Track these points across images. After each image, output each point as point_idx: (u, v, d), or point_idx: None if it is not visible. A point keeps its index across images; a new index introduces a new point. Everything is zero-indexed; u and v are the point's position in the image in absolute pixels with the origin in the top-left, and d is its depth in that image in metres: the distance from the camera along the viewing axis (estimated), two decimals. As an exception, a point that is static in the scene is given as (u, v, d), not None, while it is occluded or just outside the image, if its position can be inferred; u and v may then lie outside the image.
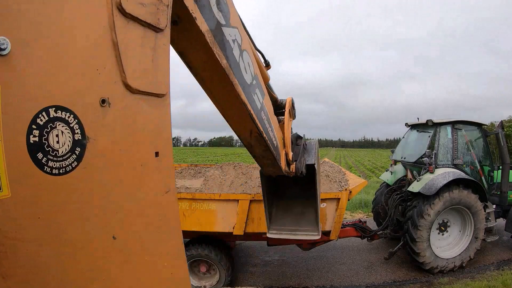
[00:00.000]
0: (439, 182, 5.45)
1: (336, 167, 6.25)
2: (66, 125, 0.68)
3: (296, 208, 2.99)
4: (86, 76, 0.73)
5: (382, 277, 5.67)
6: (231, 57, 1.50)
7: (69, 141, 0.68)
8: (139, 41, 0.87)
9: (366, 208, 10.42)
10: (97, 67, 0.75)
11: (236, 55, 1.57)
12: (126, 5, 0.80)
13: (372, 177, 24.93)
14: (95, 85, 0.75)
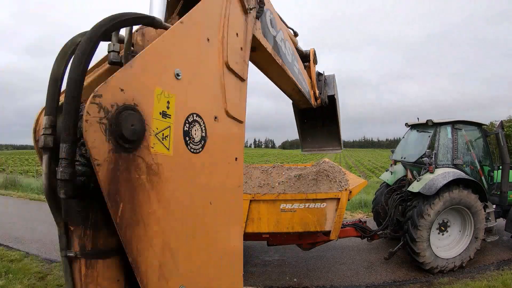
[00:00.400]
0: (439, 182, 5.45)
1: (336, 167, 6.25)
2: (199, 125, 1.14)
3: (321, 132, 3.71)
4: (209, 101, 1.25)
5: (382, 277, 5.67)
6: (282, 55, 2.30)
7: (200, 135, 1.14)
8: (233, 85, 1.42)
9: (366, 208, 10.42)
10: (214, 97, 1.28)
11: (284, 50, 2.34)
12: (229, 63, 1.36)
13: (372, 177, 24.96)
14: (213, 107, 1.26)
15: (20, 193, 14.00)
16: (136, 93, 0.88)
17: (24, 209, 10.91)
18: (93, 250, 0.90)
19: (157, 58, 0.97)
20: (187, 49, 1.11)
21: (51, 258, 6.60)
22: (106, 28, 0.92)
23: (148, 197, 0.90)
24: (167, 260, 0.94)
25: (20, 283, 5.37)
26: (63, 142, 0.81)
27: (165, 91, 0.98)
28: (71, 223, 0.91)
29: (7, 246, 7.27)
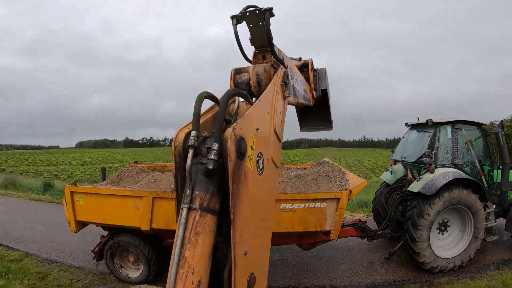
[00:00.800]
0: (439, 182, 5.45)
1: (336, 167, 6.25)
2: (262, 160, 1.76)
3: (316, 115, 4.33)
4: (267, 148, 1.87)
5: (382, 277, 5.67)
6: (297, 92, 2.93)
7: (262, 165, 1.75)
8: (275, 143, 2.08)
9: (366, 208, 10.42)
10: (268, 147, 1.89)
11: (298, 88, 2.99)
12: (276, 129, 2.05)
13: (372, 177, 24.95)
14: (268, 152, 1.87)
15: (20, 193, 14.00)
16: (244, 132, 1.55)
17: (24, 209, 10.91)
18: (206, 207, 1.45)
19: (251, 118, 1.69)
20: (261, 116, 1.84)
21: (51, 258, 6.60)
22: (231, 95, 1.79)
23: (242, 187, 1.51)
24: (244, 228, 1.52)
25: (20, 283, 5.37)
26: (216, 142, 1.46)
27: (252, 136, 1.64)
28: (197, 189, 1.46)
29: (7, 246, 7.28)
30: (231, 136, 1.43)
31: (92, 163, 48.97)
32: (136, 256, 5.40)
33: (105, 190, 5.20)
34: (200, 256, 1.37)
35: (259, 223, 1.74)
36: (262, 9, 2.08)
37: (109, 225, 5.25)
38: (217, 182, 1.51)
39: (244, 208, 1.52)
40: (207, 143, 1.54)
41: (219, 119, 1.54)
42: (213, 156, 1.44)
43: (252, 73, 2.05)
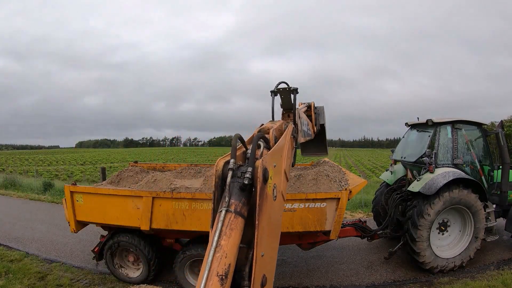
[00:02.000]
0: (439, 181, 5.45)
1: (336, 167, 6.25)
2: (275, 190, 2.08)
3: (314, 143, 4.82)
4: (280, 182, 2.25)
5: (382, 277, 5.67)
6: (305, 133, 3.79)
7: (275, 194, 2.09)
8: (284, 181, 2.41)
9: (366, 208, 10.42)
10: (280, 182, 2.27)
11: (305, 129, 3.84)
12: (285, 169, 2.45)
13: (372, 177, 24.95)
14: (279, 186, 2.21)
15: (20, 193, 14.00)
16: (268, 165, 1.92)
17: (24, 209, 10.91)
18: (239, 212, 1.78)
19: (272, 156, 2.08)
20: (277, 157, 2.23)
21: (51, 258, 6.60)
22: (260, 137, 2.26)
23: (264, 203, 1.85)
24: (263, 234, 1.84)
25: (20, 283, 5.37)
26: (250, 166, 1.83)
27: (271, 169, 2.00)
28: (233, 198, 1.80)
29: (7, 246, 7.27)
30: (261, 165, 1.86)
31: (92, 163, 48.97)
32: (136, 256, 5.40)
33: (105, 190, 5.20)
34: (232, 246, 1.69)
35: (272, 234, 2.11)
36: (291, 88, 3.36)
37: (109, 225, 5.25)
38: (247, 196, 1.89)
39: (264, 219, 1.88)
40: (240, 169, 1.93)
41: (252, 151, 1.97)
42: (248, 175, 1.83)
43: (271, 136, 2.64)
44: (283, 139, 2.62)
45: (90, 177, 25.48)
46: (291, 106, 3.46)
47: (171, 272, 5.28)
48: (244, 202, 1.87)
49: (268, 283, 1.98)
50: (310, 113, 4.45)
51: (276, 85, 3.46)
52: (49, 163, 49.27)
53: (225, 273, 1.63)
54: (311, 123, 4.37)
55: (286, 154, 2.62)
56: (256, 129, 2.87)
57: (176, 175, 6.09)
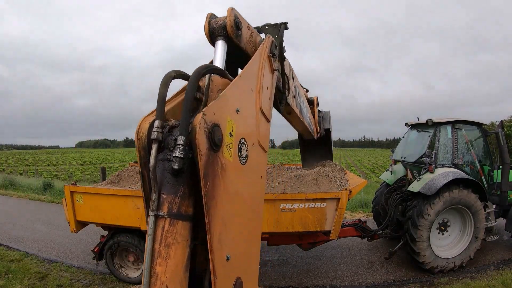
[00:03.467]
0: (439, 181, 5.44)
1: (337, 167, 6.23)
2: (245, 147, 1.53)
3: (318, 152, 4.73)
4: (251, 132, 1.66)
5: (382, 277, 5.67)
6: (303, 112, 3.28)
7: (245, 153, 1.53)
8: (263, 123, 1.83)
9: (366, 208, 10.42)
10: (253, 130, 1.69)
11: (303, 108, 3.34)
12: (262, 108, 1.81)
13: (372, 177, 24.94)
14: (252, 136, 1.66)
15: (20, 193, 14.00)
16: (219, 117, 1.32)
17: (24, 209, 10.91)
18: (177, 213, 1.25)
19: (230, 98, 1.45)
20: (242, 95, 1.61)
21: (51, 258, 6.60)
22: (204, 72, 1.47)
23: (219, 184, 1.30)
24: (224, 231, 1.34)
25: (20, 283, 5.37)
26: (181, 135, 1.22)
27: (231, 120, 1.42)
28: (165, 192, 1.26)
29: (7, 246, 7.28)
30: (201, 124, 1.20)
31: (92, 163, 48.95)
32: (136, 256, 5.40)
33: (105, 190, 5.19)
34: (173, 270, 1.20)
35: (245, 221, 1.57)
36: (279, 23, 2.41)
37: (109, 225, 5.25)
38: (189, 180, 1.29)
39: (223, 208, 1.33)
40: (174, 134, 1.30)
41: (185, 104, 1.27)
42: (179, 152, 1.21)
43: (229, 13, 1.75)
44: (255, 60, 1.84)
45: (90, 177, 25.47)
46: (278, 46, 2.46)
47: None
48: (185, 193, 1.29)
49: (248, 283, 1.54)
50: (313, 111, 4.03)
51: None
52: (49, 163, 49.27)
53: None
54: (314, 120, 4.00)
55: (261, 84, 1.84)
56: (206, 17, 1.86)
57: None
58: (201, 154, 1.20)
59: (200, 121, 1.20)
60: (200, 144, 1.19)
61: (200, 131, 1.19)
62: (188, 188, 1.30)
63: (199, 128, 1.19)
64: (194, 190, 1.31)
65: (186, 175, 1.28)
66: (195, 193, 1.32)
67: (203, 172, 1.20)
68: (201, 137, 1.19)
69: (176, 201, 1.25)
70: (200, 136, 1.19)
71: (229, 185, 1.38)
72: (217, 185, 1.28)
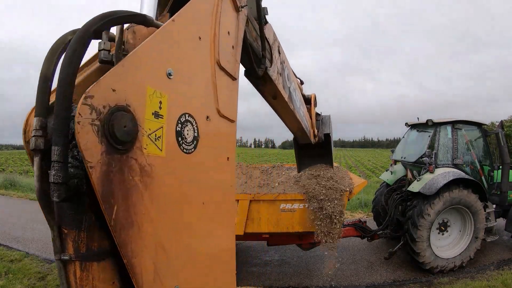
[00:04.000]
0: (439, 182, 5.44)
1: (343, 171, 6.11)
2: (192, 125, 1.13)
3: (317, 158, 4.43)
4: (201, 100, 1.23)
5: (382, 277, 5.66)
6: (293, 101, 2.76)
7: (192, 135, 1.12)
8: (225, 84, 1.39)
9: (366, 208, 10.41)
10: (207, 97, 1.26)
11: (295, 97, 2.83)
12: (221, 62, 1.33)
13: (372, 177, 24.93)
14: (205, 107, 1.24)
15: (20, 193, 14.00)
16: (128, 93, 0.88)
17: (24, 209, 10.91)
18: (87, 252, 0.90)
19: (149, 58, 0.97)
20: (179, 48, 1.10)
21: (51, 258, 6.59)
22: (97, 26, 0.91)
23: (141, 198, 0.91)
24: (162, 260, 0.97)
25: (20, 283, 5.37)
26: (55, 145, 0.79)
27: (157, 91, 0.97)
28: (65, 226, 0.90)
29: (7, 246, 7.27)
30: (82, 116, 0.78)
31: (92, 163, 48.90)
32: None
33: None
34: None
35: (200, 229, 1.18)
36: None
37: None
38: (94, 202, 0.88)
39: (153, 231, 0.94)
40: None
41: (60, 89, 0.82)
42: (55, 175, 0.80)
43: None
44: None
45: (90, 177, 25.42)
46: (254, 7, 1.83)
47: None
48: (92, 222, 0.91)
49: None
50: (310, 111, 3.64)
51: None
52: (49, 163, 49.26)
53: None
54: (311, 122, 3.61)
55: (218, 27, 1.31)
56: None
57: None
58: (91, 166, 0.78)
59: (80, 111, 0.77)
60: (85, 149, 0.77)
61: (82, 128, 0.76)
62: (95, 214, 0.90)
63: (80, 123, 0.76)
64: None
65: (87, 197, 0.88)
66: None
67: (103, 193, 0.80)
68: (84, 137, 0.77)
69: (82, 237, 0.88)
70: (83, 136, 0.76)
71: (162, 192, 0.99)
72: (135, 202, 0.89)
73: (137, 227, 0.89)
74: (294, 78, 2.98)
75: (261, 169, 6.05)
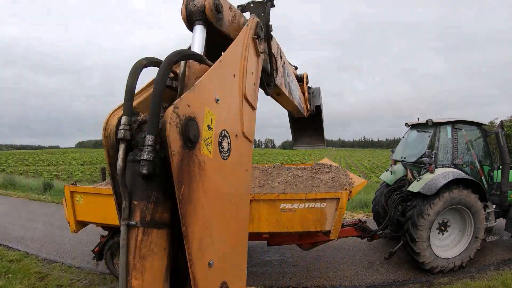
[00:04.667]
0: (439, 182, 5.44)
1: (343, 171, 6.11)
2: (227, 139, 1.43)
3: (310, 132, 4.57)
4: (234, 122, 1.56)
5: (382, 277, 5.66)
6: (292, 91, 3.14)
7: (227, 147, 1.43)
8: (248, 112, 1.73)
9: (366, 208, 10.42)
10: (236, 120, 1.60)
11: (293, 87, 3.20)
12: (246, 94, 1.70)
13: (372, 177, 24.92)
14: (235, 128, 1.56)
15: (19, 193, 14.00)
16: (195, 110, 1.20)
17: (24, 209, 10.91)
18: (151, 221, 1.16)
19: (207, 87, 1.33)
20: (223, 81, 1.49)
21: (51, 258, 6.60)
22: (176, 59, 1.31)
23: (197, 185, 1.19)
24: (205, 236, 1.25)
25: (20, 283, 5.37)
26: (149, 134, 1.10)
27: (210, 111, 1.30)
28: (136, 198, 1.17)
29: (7, 246, 7.28)
30: (172, 119, 1.08)
31: (92, 163, 48.93)
32: None
33: (105, 190, 5.20)
34: (151, 284, 1.14)
35: (229, 221, 1.48)
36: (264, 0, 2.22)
37: (109, 225, 5.25)
38: (163, 183, 1.18)
39: (203, 212, 1.23)
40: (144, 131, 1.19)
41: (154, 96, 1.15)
42: (147, 154, 1.09)
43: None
44: (238, 43, 1.73)
45: (90, 177, 25.46)
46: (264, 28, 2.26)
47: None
48: (159, 197, 1.19)
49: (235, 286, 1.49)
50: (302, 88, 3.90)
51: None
52: (49, 163, 49.27)
53: None
54: (304, 98, 3.88)
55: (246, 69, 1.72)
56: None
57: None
58: (173, 154, 1.07)
59: (171, 116, 1.07)
60: (171, 142, 1.06)
61: (171, 127, 1.06)
62: (162, 192, 1.18)
63: (170, 124, 1.06)
64: (170, 193, 1.16)
65: (159, 177, 1.15)
66: (172, 196, 1.16)
67: (177, 174, 1.09)
68: (172, 134, 1.07)
69: (149, 208, 1.14)
70: (172, 133, 1.06)
71: (209, 185, 1.27)
72: (194, 187, 1.17)
73: (193, 206, 1.17)
74: (290, 69, 3.27)
75: (261, 169, 6.06)
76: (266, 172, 5.77)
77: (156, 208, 1.16)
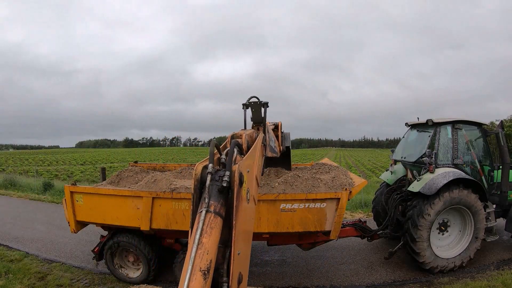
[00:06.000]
0: (439, 181, 5.44)
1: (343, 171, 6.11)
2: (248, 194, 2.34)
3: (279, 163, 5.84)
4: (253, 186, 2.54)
5: (382, 277, 5.66)
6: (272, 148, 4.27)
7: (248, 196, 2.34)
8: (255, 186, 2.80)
9: (366, 208, 10.42)
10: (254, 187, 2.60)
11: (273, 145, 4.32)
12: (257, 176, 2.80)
13: (372, 177, 24.92)
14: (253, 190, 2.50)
15: (20, 193, 14.00)
16: (243, 170, 2.15)
17: (24, 209, 10.91)
18: (218, 212, 1.93)
19: (245, 162, 2.31)
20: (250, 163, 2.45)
21: (51, 258, 6.60)
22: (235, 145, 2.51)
23: (240, 203, 2.07)
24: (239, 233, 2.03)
25: (20, 283, 5.37)
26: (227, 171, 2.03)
27: (245, 175, 2.19)
28: (213, 199, 1.95)
29: (7, 246, 7.28)
30: (237, 169, 2.05)
31: (92, 163, 48.93)
32: (136, 256, 5.40)
33: (105, 190, 5.20)
34: (212, 243, 1.82)
35: (246, 234, 2.28)
36: (262, 102, 3.79)
37: (109, 225, 5.25)
38: (224, 198, 2.04)
39: (240, 219, 2.05)
40: (218, 173, 2.08)
41: (230, 155, 2.19)
42: (226, 178, 2.00)
43: (244, 140, 2.91)
44: (255, 147, 2.86)
45: (90, 177, 25.47)
46: (261, 119, 3.85)
47: (171, 272, 5.27)
48: (222, 203, 2.01)
49: (244, 280, 2.12)
50: (277, 133, 4.94)
51: (248, 99, 3.84)
52: (49, 163, 49.24)
53: (207, 268, 1.74)
54: (278, 142, 4.85)
55: (257, 161, 2.89)
56: (229, 136, 3.08)
57: (176, 175, 6.09)
58: (235, 185, 2.03)
59: (237, 167, 2.06)
60: (236, 179, 2.03)
61: (236, 173, 2.04)
62: (224, 201, 2.02)
63: (236, 171, 2.04)
64: (226, 204, 2.04)
65: (224, 195, 2.02)
66: (226, 206, 2.04)
67: (236, 195, 2.03)
68: (236, 176, 2.04)
69: (218, 206, 1.95)
70: (236, 175, 2.04)
71: (243, 206, 2.13)
72: (239, 203, 2.06)
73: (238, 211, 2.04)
74: (272, 133, 4.37)
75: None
76: (266, 172, 5.78)
77: (221, 208, 1.97)
